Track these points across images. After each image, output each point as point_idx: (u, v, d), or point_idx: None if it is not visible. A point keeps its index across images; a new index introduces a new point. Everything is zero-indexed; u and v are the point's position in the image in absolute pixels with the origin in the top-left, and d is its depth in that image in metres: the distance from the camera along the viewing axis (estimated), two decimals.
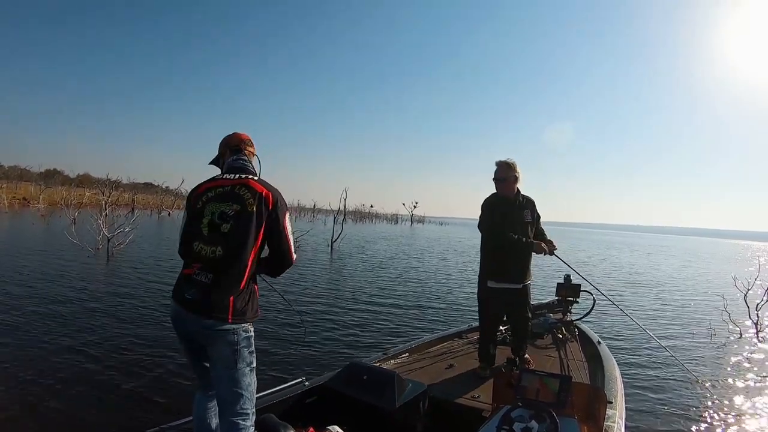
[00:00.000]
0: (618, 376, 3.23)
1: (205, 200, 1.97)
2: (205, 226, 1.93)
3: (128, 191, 44.64)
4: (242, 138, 2.15)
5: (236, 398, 1.90)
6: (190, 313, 1.87)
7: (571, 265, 4.22)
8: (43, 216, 25.31)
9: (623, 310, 4.71)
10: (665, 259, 30.65)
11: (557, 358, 3.74)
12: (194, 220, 1.97)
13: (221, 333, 1.86)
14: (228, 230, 1.89)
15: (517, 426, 2.02)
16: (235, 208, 1.91)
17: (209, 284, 1.86)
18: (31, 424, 3.31)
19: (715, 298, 10.94)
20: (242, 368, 1.91)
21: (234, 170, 2.05)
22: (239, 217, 1.90)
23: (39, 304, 6.65)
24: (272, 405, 2.54)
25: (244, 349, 1.91)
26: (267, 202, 1.95)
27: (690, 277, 19.00)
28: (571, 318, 4.64)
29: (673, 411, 4.38)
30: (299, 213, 59.28)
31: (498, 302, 3.57)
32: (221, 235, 1.89)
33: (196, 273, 1.88)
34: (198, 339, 1.93)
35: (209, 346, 1.91)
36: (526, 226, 3.61)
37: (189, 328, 1.92)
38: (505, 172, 3.59)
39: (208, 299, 1.85)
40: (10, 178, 47.00)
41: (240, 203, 1.92)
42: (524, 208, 3.64)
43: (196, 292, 1.86)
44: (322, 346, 5.48)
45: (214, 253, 1.88)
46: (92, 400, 3.75)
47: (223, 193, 1.96)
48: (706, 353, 6.72)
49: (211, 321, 1.85)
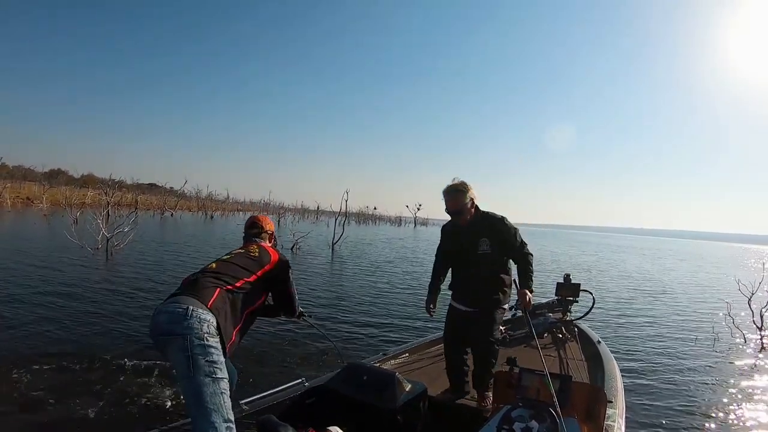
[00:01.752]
0: (618, 376, 3.23)
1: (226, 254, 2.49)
2: (213, 263, 2.36)
3: (132, 192, 44.79)
4: (254, 222, 2.81)
5: (199, 413, 1.86)
6: (166, 305, 2.05)
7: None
8: (46, 215, 25.39)
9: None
10: (674, 263, 30.61)
11: (557, 357, 3.73)
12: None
13: (174, 339, 1.92)
14: (228, 258, 2.38)
15: (517, 426, 2.01)
16: (239, 251, 2.44)
17: (193, 279, 2.19)
18: (25, 424, 3.28)
19: (720, 303, 10.90)
20: (199, 379, 1.88)
21: (251, 242, 2.67)
22: (240, 255, 2.40)
23: (32, 301, 6.67)
24: (272, 405, 2.59)
25: (200, 357, 1.89)
26: (267, 256, 2.46)
27: (698, 281, 18.90)
28: (570, 317, 4.63)
29: (674, 410, 4.41)
30: (302, 215, 59.44)
31: (455, 322, 3.23)
32: (220, 260, 2.36)
33: (186, 285, 2.17)
34: (160, 347, 2.04)
35: (167, 353, 1.99)
36: (481, 260, 3.00)
37: (152, 334, 2.06)
38: (456, 203, 3.01)
39: (191, 287, 2.11)
40: (14, 177, 47.28)
41: (244, 249, 2.48)
42: (481, 235, 3.00)
43: (182, 287, 2.16)
44: (322, 347, 5.48)
45: (208, 266, 2.29)
46: (86, 401, 3.70)
47: (235, 249, 2.52)
48: (709, 355, 6.72)
49: (172, 306, 2.00)
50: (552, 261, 21.81)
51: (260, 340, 5.53)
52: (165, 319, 1.94)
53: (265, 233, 2.73)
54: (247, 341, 5.18)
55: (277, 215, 42.11)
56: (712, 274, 23.63)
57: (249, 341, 5.43)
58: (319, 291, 9.66)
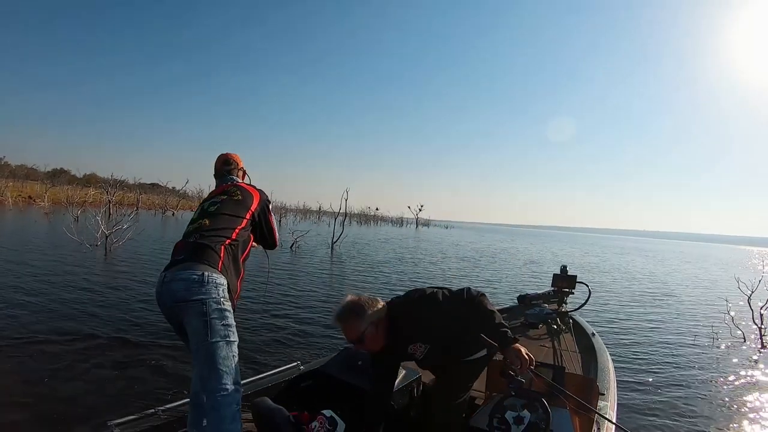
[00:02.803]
0: (611, 369, 3.23)
1: (201, 203, 2.38)
2: (200, 211, 2.28)
3: (134, 191, 44.84)
4: (227, 158, 2.62)
5: (212, 374, 1.87)
6: (169, 272, 2.01)
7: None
8: (47, 214, 25.47)
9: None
10: (678, 264, 30.60)
11: (551, 348, 3.74)
12: (195, 211, 2.36)
13: (192, 304, 1.92)
14: (215, 209, 2.24)
15: (509, 414, 2.01)
16: (222, 198, 2.31)
17: (198, 242, 2.08)
18: (25, 412, 3.30)
19: (720, 302, 10.86)
20: (216, 341, 1.91)
21: (227, 180, 2.53)
22: (225, 201, 2.28)
23: (29, 294, 6.72)
24: (267, 388, 2.63)
25: (216, 321, 1.94)
26: (251, 197, 2.36)
27: (702, 281, 18.83)
28: (566, 309, 4.59)
29: (665, 405, 4.44)
30: (304, 215, 59.49)
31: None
32: (209, 213, 2.23)
33: (184, 238, 2.14)
34: (174, 313, 2.01)
35: (183, 319, 1.97)
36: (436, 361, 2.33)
37: (166, 302, 2.01)
38: (352, 332, 2.08)
39: (198, 251, 2.04)
40: (17, 176, 47.43)
41: (227, 194, 2.34)
42: (410, 341, 2.20)
43: (185, 252, 2.06)
44: (319, 333, 5.52)
45: (201, 224, 2.17)
46: (82, 387, 3.76)
47: (215, 194, 2.38)
48: (707, 352, 6.72)
49: (186, 273, 1.96)
50: (557, 263, 21.68)
51: (256, 323, 5.57)
52: (181, 287, 1.95)
53: (240, 170, 2.64)
54: (244, 328, 5.22)
55: (278, 215, 42.08)
56: (716, 274, 23.57)
57: (245, 326, 5.50)
58: (317, 286, 9.82)
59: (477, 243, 36.90)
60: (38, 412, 3.30)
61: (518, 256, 25.35)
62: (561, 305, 4.65)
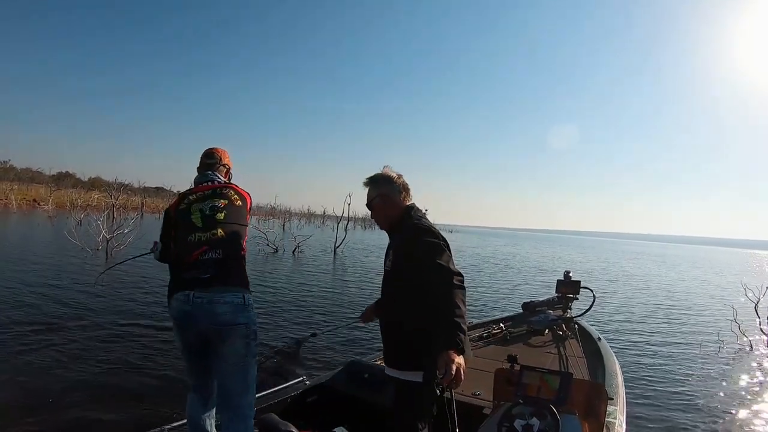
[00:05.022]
0: (619, 372, 3.21)
1: (188, 203, 2.14)
2: (198, 219, 2.08)
3: (138, 195, 45.04)
4: (211, 152, 2.38)
5: (244, 390, 2.00)
6: (204, 293, 1.91)
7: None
8: (51, 217, 25.61)
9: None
10: (687, 269, 30.45)
11: (557, 354, 3.70)
12: (182, 220, 2.11)
13: (237, 328, 1.95)
14: (223, 217, 2.08)
15: (518, 423, 2.01)
16: (223, 202, 2.13)
17: (222, 258, 1.99)
18: (23, 423, 3.25)
19: (727, 309, 10.73)
20: (250, 360, 2.01)
21: (209, 178, 2.28)
22: (229, 208, 2.13)
23: (28, 295, 6.74)
24: (273, 404, 2.60)
25: (252, 342, 2.01)
26: (246, 202, 2.24)
27: (709, 287, 18.66)
28: (571, 315, 4.53)
29: (676, 410, 4.43)
30: (309, 219, 59.61)
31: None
32: (218, 221, 2.07)
33: (205, 253, 1.98)
34: (209, 335, 1.97)
35: (222, 341, 1.96)
36: (385, 281, 2.12)
37: (200, 325, 1.95)
38: (368, 195, 2.15)
39: (225, 269, 1.98)
40: (21, 180, 47.76)
41: (227, 199, 2.16)
42: (392, 247, 2.09)
43: (210, 269, 1.96)
44: (323, 346, 5.45)
45: (215, 234, 2.03)
46: (82, 399, 3.69)
47: (206, 195, 2.16)
48: (714, 358, 6.68)
49: (228, 296, 1.93)
50: (546, 255, 21.51)
51: (260, 338, 5.47)
52: (227, 310, 1.94)
53: (222, 166, 2.36)
54: None
55: (282, 220, 42.13)
56: (725, 279, 23.31)
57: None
58: (322, 292, 9.86)
59: (481, 248, 36.72)
60: (32, 425, 3.23)
61: (528, 261, 25.17)
62: (566, 311, 4.59)
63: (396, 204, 2.07)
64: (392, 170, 2.14)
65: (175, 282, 2.03)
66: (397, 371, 1.98)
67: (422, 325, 1.85)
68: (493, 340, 3.98)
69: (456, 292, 1.77)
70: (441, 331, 1.71)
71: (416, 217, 2.03)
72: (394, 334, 2.00)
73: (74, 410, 3.49)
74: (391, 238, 2.13)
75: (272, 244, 18.04)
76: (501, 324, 4.19)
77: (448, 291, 1.76)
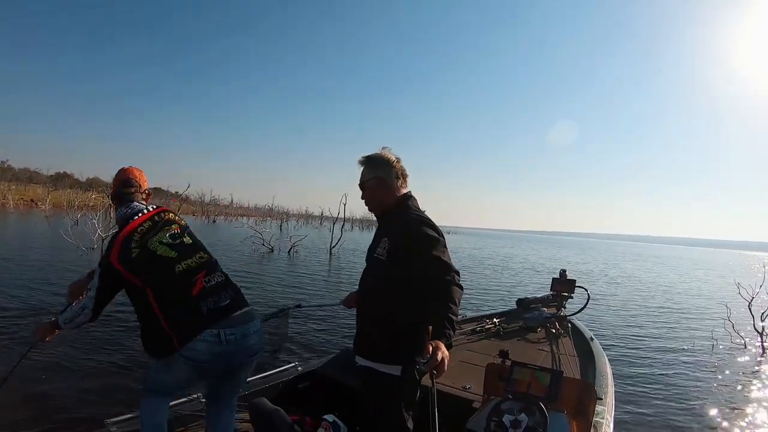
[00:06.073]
0: (609, 373, 3.23)
1: (138, 244, 1.86)
2: (167, 251, 1.89)
3: None
4: (128, 178, 2.11)
5: (234, 398, 2.14)
6: (233, 328, 1.82)
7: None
8: (48, 217, 25.54)
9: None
10: (687, 271, 30.44)
11: (549, 352, 3.72)
12: (148, 262, 1.85)
13: (260, 354, 1.98)
14: (191, 240, 1.99)
15: (506, 418, 2.02)
16: (176, 228, 1.99)
17: (225, 279, 1.96)
18: (22, 409, 3.29)
19: (720, 308, 10.77)
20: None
21: (138, 208, 2.01)
22: (186, 230, 2.03)
23: (20, 293, 6.78)
24: (265, 389, 2.63)
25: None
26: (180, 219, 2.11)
27: (705, 287, 18.69)
28: (565, 313, 4.55)
29: (663, 410, 4.46)
30: (306, 220, 59.58)
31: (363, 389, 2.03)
32: (191, 246, 1.96)
33: (208, 279, 1.89)
34: (235, 367, 1.94)
35: (245, 368, 2.00)
36: (371, 268, 2.02)
37: (233, 363, 1.89)
38: (363, 175, 2.06)
39: (235, 290, 1.96)
40: (19, 180, 47.64)
41: (175, 223, 2.01)
42: (385, 234, 1.97)
43: (225, 293, 1.89)
44: (316, 336, 5.49)
45: (202, 258, 1.95)
46: (75, 385, 3.74)
47: (150, 228, 1.93)
48: (706, 358, 6.68)
49: (254, 325, 1.93)
50: (545, 253, 21.54)
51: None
52: (257, 340, 1.93)
53: (144, 192, 2.13)
54: None
55: (279, 221, 42.10)
56: (725, 281, 23.27)
57: None
58: (317, 287, 10.05)
59: (474, 251, 36.73)
60: (33, 408, 3.30)
61: (526, 262, 25.17)
62: (560, 309, 4.61)
63: (391, 189, 1.99)
64: (391, 153, 2.04)
65: (188, 319, 1.79)
66: (377, 364, 1.89)
67: (415, 318, 1.78)
68: (486, 334, 3.99)
69: (454, 289, 1.76)
70: (433, 323, 1.66)
71: (415, 208, 1.98)
72: (388, 326, 1.89)
73: (60, 390, 3.57)
74: (380, 224, 2.06)
75: (268, 244, 18.07)
76: (495, 319, 4.21)
77: (447, 286, 1.75)
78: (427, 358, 1.54)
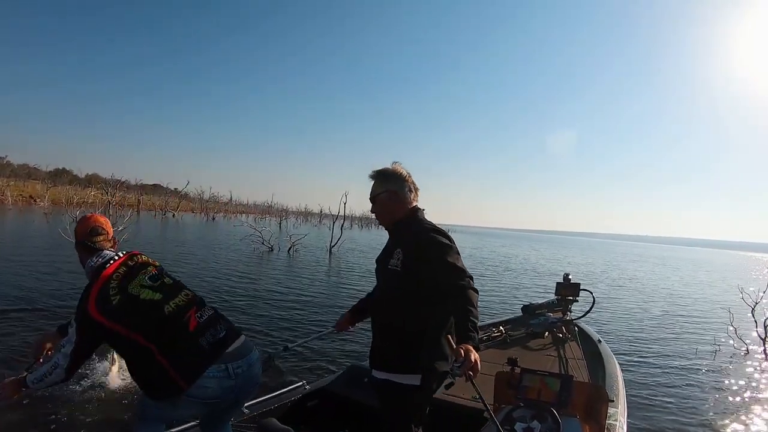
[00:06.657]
0: (619, 374, 3.21)
1: (116, 291, 1.78)
2: (150, 294, 1.82)
3: (135, 192, 44.88)
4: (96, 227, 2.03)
5: (227, 426, 2.10)
6: (238, 360, 1.81)
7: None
8: (47, 214, 25.48)
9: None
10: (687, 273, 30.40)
11: (557, 357, 3.71)
12: (131, 307, 1.76)
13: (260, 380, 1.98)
14: (172, 280, 1.95)
15: (519, 426, 2.01)
16: (152, 269, 1.93)
17: (215, 313, 1.92)
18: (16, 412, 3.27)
19: (723, 312, 10.73)
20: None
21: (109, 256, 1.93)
22: (162, 270, 1.97)
23: (20, 293, 6.71)
24: (274, 408, 2.61)
25: None
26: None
27: (708, 290, 18.67)
28: (570, 317, 4.54)
29: (676, 409, 4.48)
30: (306, 218, 59.59)
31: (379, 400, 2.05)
32: (173, 285, 1.92)
33: (200, 315, 1.85)
34: (240, 397, 1.94)
35: (248, 395, 1.99)
36: (387, 280, 2.03)
37: (242, 393, 1.90)
38: (374, 188, 2.11)
39: (227, 321, 1.93)
40: (18, 176, 47.53)
41: (150, 264, 1.96)
42: (398, 245, 1.99)
43: (219, 325, 1.86)
44: (322, 350, 5.41)
45: (188, 295, 1.90)
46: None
47: (128, 270, 1.87)
48: (712, 362, 6.71)
49: (255, 353, 1.92)
50: (546, 256, 21.49)
51: (258, 345, 5.41)
52: (259, 367, 1.94)
53: (111, 240, 2.06)
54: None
55: (279, 218, 42.04)
56: (727, 283, 23.27)
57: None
58: (318, 291, 9.83)
59: (479, 249, 36.70)
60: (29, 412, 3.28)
61: (527, 263, 25.12)
62: (565, 313, 4.59)
63: (403, 202, 2.04)
64: (402, 167, 2.08)
65: (191, 357, 1.74)
66: (394, 375, 1.91)
67: (423, 327, 1.88)
68: (493, 343, 3.96)
69: (471, 293, 1.79)
70: (459, 329, 1.73)
71: (426, 221, 2.04)
72: (407, 337, 1.90)
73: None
74: (391, 236, 2.09)
75: (268, 242, 17.99)
76: (501, 327, 4.19)
77: (463, 291, 1.78)
78: (460, 362, 1.56)
